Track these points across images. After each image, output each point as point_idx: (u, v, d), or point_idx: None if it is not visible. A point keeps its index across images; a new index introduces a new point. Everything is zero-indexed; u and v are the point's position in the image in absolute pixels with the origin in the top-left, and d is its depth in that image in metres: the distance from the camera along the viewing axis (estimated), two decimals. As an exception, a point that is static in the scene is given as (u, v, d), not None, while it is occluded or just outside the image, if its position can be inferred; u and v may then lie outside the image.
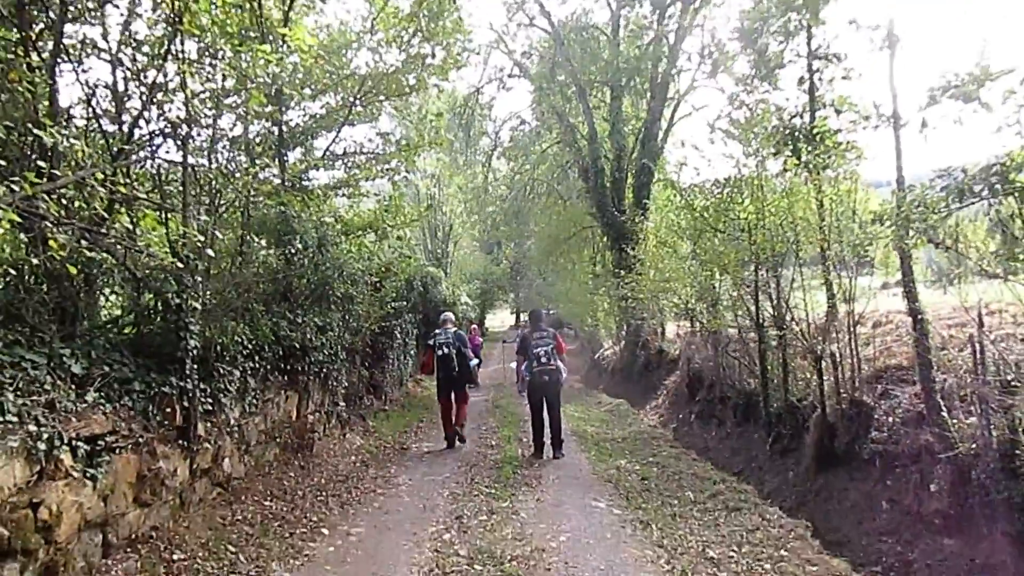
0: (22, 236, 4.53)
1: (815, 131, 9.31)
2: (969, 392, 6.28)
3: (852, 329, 8.06)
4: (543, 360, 9.58)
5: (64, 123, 5.05)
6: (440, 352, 10.30)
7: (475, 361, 11.51)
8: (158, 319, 5.81)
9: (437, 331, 10.59)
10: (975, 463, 5.66)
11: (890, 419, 7.10)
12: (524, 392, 10.32)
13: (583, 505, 7.18)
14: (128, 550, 4.83)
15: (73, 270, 4.26)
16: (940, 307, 8.04)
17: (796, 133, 9.66)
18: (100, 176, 4.46)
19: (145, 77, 5.38)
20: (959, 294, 6.26)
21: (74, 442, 4.25)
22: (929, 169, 5.80)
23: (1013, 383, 5.74)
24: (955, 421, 6.12)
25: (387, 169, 10.31)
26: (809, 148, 9.03)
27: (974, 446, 5.73)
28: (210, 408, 6.12)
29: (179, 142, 5.84)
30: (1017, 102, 5.13)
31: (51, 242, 3.84)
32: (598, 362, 27.28)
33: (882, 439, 7.01)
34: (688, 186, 12.14)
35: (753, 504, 7.21)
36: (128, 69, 5.43)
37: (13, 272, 4.39)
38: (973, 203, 5.36)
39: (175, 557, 4.99)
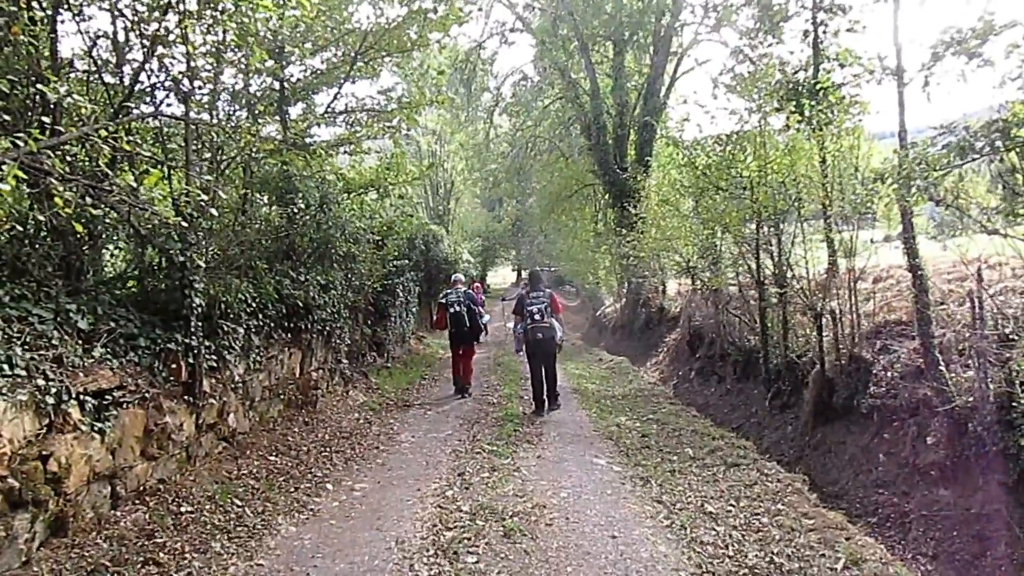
0: (25, 189, 4.53)
1: (819, 86, 9.23)
2: (967, 346, 6.32)
3: (852, 285, 8.08)
4: (536, 318, 9.80)
5: (66, 75, 5.02)
6: (452, 310, 11.04)
7: (487, 318, 12.03)
8: (162, 276, 5.85)
9: (448, 290, 11.34)
10: (972, 415, 5.72)
11: (889, 374, 7.15)
12: (521, 351, 10.58)
13: (584, 462, 7.26)
14: (136, 502, 4.92)
15: (79, 227, 4.26)
16: (940, 262, 8.04)
17: (800, 88, 9.58)
18: (103, 132, 4.44)
19: (146, 28, 5.32)
20: (958, 250, 6.27)
21: (82, 396, 4.32)
22: (935, 119, 5.76)
23: (1011, 336, 5.78)
24: (953, 375, 6.18)
25: (389, 126, 10.23)
26: (812, 103, 8.96)
27: (971, 399, 5.79)
28: (215, 364, 6.19)
29: (180, 96, 5.80)
30: (1020, 56, 5.09)
31: (56, 198, 3.84)
32: (599, 320, 27.38)
33: (880, 393, 7.07)
34: (691, 143, 12.06)
35: (752, 459, 7.26)
36: (128, 19, 5.37)
37: (19, 227, 4.39)
38: (975, 159, 5.35)
39: (182, 509, 5.08)
